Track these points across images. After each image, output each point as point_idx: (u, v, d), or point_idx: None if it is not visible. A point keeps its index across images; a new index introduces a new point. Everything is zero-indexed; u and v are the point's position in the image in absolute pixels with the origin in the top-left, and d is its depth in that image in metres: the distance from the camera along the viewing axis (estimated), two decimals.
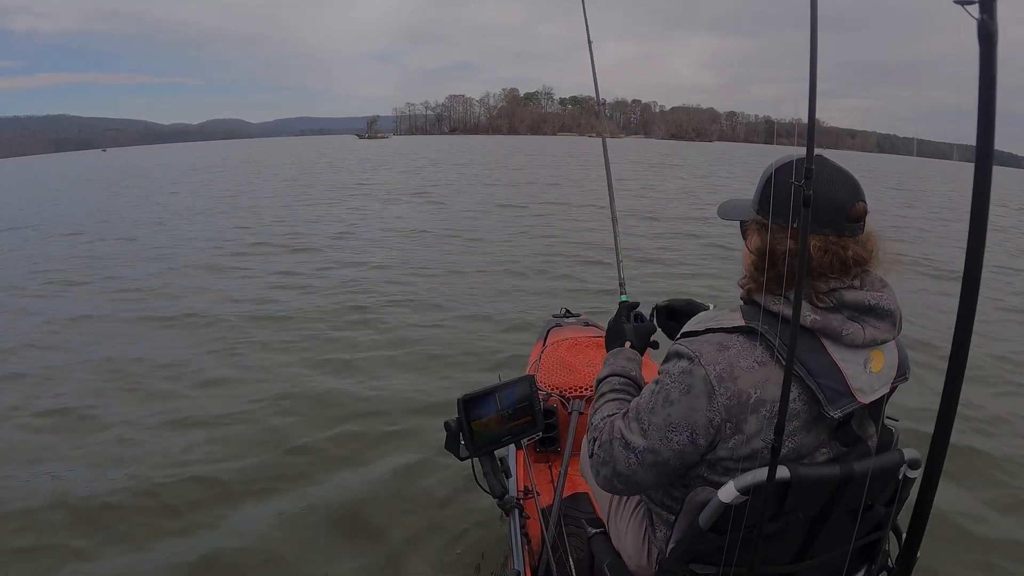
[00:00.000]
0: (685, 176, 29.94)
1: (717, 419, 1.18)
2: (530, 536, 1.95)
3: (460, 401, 1.72)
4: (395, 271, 8.47)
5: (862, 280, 1.23)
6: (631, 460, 1.27)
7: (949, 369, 1.03)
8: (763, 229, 1.23)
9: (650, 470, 1.27)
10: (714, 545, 1.22)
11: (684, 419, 1.20)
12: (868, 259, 1.21)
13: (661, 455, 1.24)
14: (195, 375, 4.83)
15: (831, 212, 1.17)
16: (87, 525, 2.96)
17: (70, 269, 8.87)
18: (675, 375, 1.23)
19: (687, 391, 1.20)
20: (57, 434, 3.89)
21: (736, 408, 1.17)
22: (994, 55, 0.87)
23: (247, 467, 3.44)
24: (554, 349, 2.66)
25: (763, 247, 1.20)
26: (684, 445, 1.21)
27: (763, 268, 1.18)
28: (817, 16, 0.88)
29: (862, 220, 1.21)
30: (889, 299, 1.21)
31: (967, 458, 3.51)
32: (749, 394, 1.16)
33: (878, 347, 1.21)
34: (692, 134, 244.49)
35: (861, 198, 1.20)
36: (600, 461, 1.33)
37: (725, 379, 1.17)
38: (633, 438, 1.27)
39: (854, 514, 1.24)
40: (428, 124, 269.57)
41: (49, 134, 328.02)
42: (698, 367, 1.19)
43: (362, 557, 2.76)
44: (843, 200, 1.18)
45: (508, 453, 2.31)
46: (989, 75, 0.88)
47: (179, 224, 13.24)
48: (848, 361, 1.17)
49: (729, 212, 1.38)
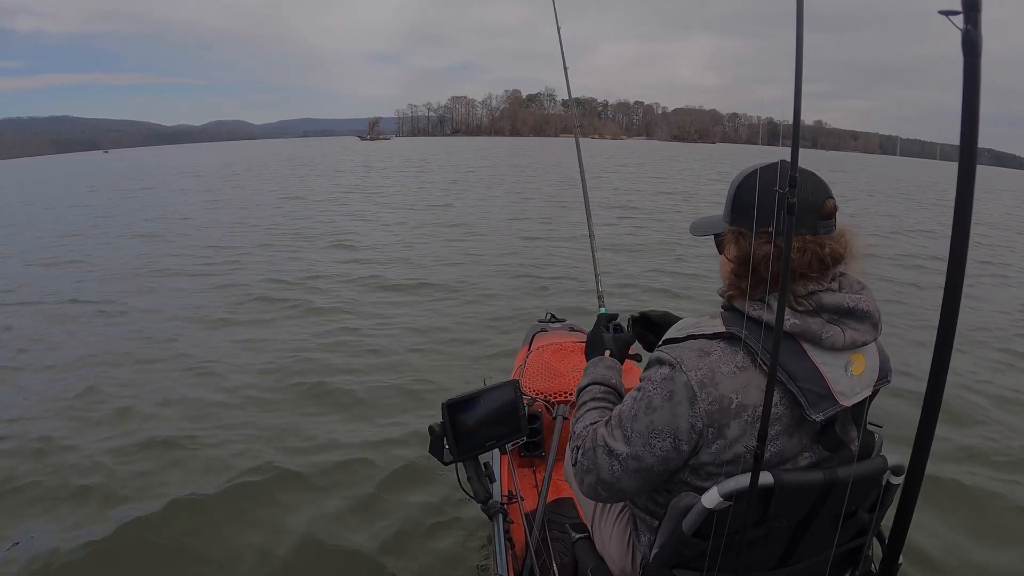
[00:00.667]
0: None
1: (699, 424, 1.18)
2: (514, 541, 1.95)
3: (444, 405, 1.71)
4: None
5: (840, 283, 1.24)
6: (615, 467, 1.27)
7: (932, 370, 1.03)
8: (740, 238, 1.25)
9: (634, 477, 1.26)
10: (698, 550, 1.22)
11: (667, 425, 1.20)
12: (844, 255, 1.23)
13: (645, 461, 1.24)
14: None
15: (804, 212, 1.18)
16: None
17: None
18: (657, 382, 1.23)
19: (669, 397, 1.20)
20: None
21: (718, 413, 1.17)
22: (978, 64, 0.89)
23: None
24: (539, 354, 2.65)
25: (741, 255, 1.22)
26: (667, 451, 1.21)
27: (744, 275, 1.20)
28: (803, 29, 0.90)
29: (833, 217, 1.23)
30: (868, 301, 1.22)
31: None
32: (731, 399, 1.17)
33: (859, 350, 1.22)
34: (695, 136, 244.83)
35: (830, 195, 1.23)
36: (584, 469, 1.33)
37: (707, 384, 1.17)
38: (616, 445, 1.27)
39: (837, 519, 1.24)
40: (430, 126, 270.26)
41: (52, 135, 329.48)
42: (679, 373, 1.19)
43: (345, 562, 2.75)
44: (814, 199, 1.20)
45: (492, 458, 2.31)
46: (973, 84, 0.89)
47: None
48: (829, 364, 1.17)
49: (701, 228, 1.40)
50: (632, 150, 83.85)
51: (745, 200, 1.23)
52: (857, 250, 1.25)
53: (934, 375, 1.04)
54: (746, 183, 1.25)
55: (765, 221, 1.17)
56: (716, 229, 1.35)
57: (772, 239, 1.16)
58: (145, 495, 3.23)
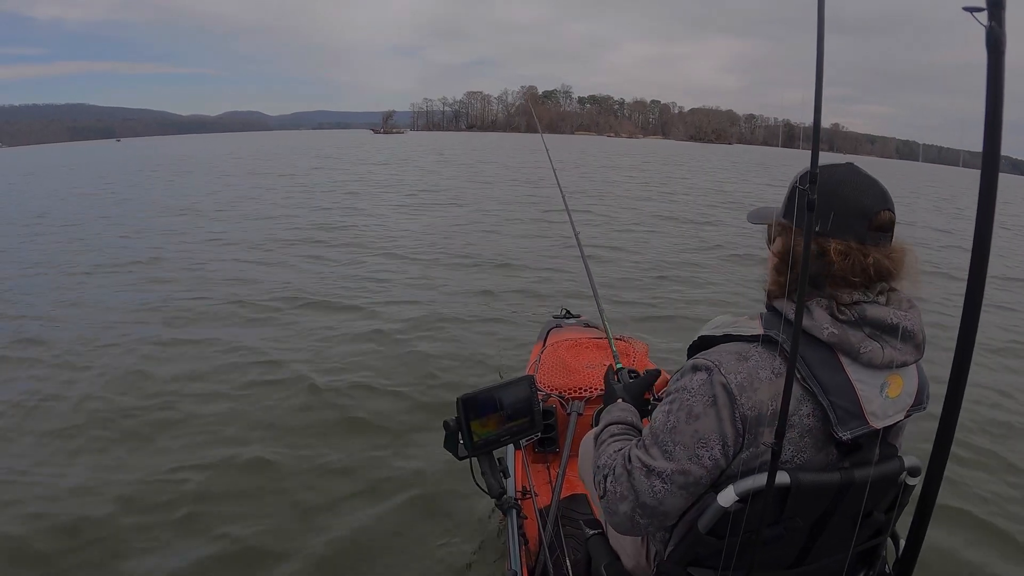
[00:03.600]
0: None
1: (740, 428, 1.16)
2: (527, 537, 1.95)
3: (459, 400, 1.71)
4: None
5: (888, 297, 1.21)
6: (656, 487, 1.20)
7: (952, 372, 1.02)
8: (786, 232, 1.24)
9: (679, 494, 1.20)
10: (713, 549, 1.21)
11: (714, 431, 1.16)
12: (893, 272, 1.19)
13: (692, 474, 1.18)
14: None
15: (855, 218, 1.16)
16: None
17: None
18: (695, 389, 1.19)
19: (712, 402, 1.16)
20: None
21: (754, 420, 1.15)
22: (1002, 63, 0.88)
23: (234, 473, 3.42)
24: (554, 350, 2.65)
25: (784, 250, 1.21)
26: (717, 459, 1.17)
27: (784, 271, 1.19)
28: (824, 35, 0.89)
29: (888, 230, 1.19)
30: (914, 320, 1.19)
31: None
32: (767, 405, 1.15)
33: (897, 371, 1.19)
34: (712, 136, 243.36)
35: (888, 207, 1.19)
36: (618, 496, 1.24)
37: (746, 388, 1.15)
38: (656, 463, 1.20)
39: (854, 520, 1.23)
40: (445, 120, 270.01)
41: (68, 122, 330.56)
42: (719, 375, 1.17)
43: (355, 554, 2.75)
44: (868, 206, 1.17)
45: (506, 453, 2.31)
46: (996, 82, 0.88)
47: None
48: (864, 383, 1.15)
49: (758, 216, 1.39)
50: (662, 150, 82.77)
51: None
52: (911, 270, 1.21)
53: (953, 379, 1.03)
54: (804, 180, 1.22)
55: (805, 220, 1.13)
56: (767, 220, 1.34)
57: (811, 237, 1.13)
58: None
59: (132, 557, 2.70)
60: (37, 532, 2.84)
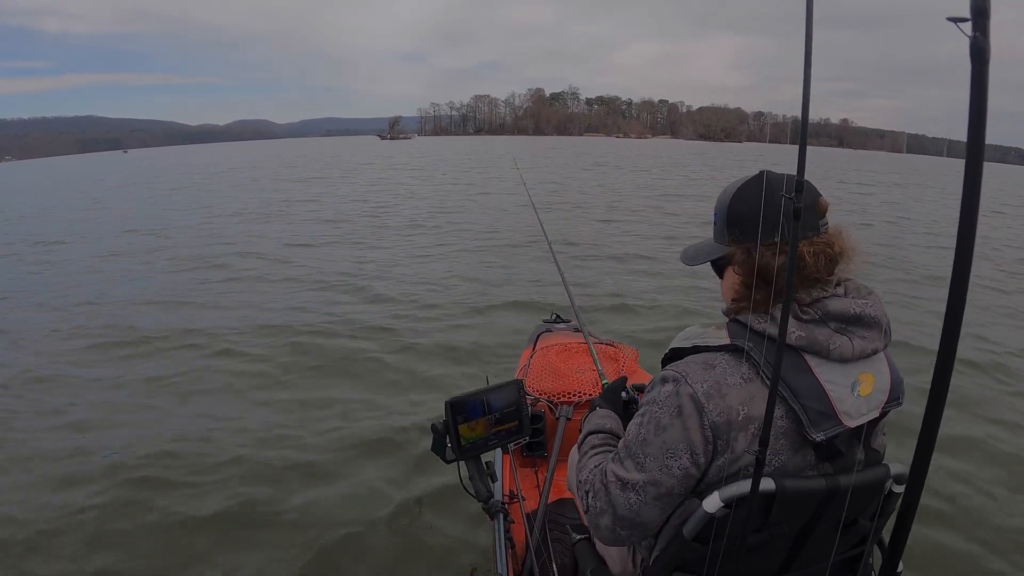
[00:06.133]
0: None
1: (710, 435, 1.15)
2: (514, 541, 1.95)
3: (447, 404, 1.71)
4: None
5: (846, 287, 1.22)
6: (631, 499, 1.21)
7: (936, 369, 1.00)
8: (747, 255, 1.21)
9: (654, 505, 1.21)
10: (698, 554, 1.21)
11: (681, 441, 1.16)
12: (847, 252, 1.21)
13: (664, 485, 1.19)
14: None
15: (809, 213, 1.17)
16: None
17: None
18: (662, 401, 1.20)
19: (678, 412, 1.17)
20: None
21: (725, 426, 1.15)
22: (986, 72, 0.87)
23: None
24: (543, 354, 2.64)
25: (751, 269, 1.18)
26: (686, 469, 1.17)
27: (752, 288, 1.17)
28: (812, 30, 0.89)
29: (826, 215, 1.21)
30: (875, 306, 1.19)
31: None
32: (737, 411, 1.14)
33: (869, 369, 1.19)
34: (721, 135, 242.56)
35: (820, 194, 1.21)
36: (598, 511, 1.26)
37: (713, 396, 1.15)
38: (629, 475, 1.21)
39: (840, 527, 1.22)
40: (453, 124, 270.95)
41: (76, 134, 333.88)
42: (685, 386, 1.17)
43: (342, 558, 2.76)
44: (810, 200, 1.18)
45: (494, 457, 2.31)
46: (980, 92, 0.88)
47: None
48: (834, 383, 1.15)
49: (696, 256, 1.35)
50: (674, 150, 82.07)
51: (741, 215, 1.22)
52: (853, 245, 1.22)
53: (937, 379, 1.01)
54: (738, 199, 1.23)
55: (769, 233, 1.15)
56: (716, 253, 1.30)
57: (779, 248, 1.15)
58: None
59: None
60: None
